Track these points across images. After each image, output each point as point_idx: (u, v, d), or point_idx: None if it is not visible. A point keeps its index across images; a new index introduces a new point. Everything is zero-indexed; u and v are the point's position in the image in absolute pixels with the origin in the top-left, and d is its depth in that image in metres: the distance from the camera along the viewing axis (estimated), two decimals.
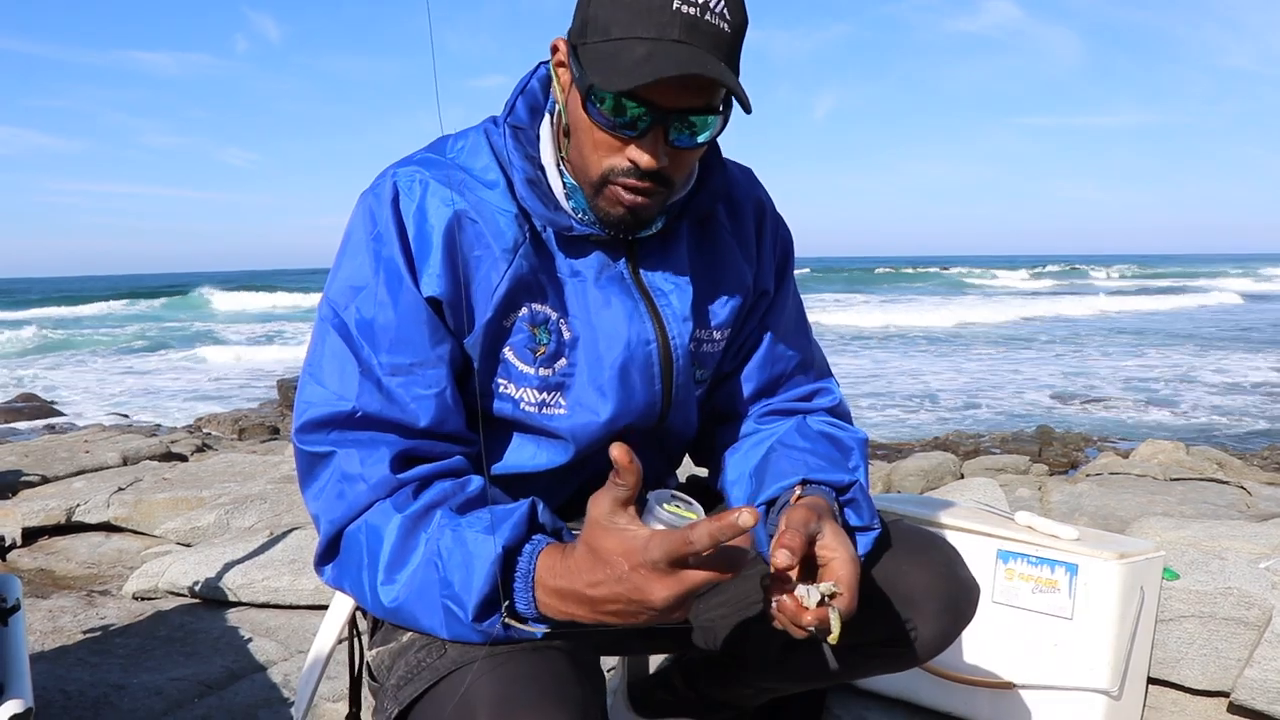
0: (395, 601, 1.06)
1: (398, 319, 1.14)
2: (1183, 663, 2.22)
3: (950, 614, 1.27)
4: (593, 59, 1.08)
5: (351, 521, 1.11)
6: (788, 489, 1.24)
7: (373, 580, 1.08)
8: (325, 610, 1.35)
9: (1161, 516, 3.25)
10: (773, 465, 1.29)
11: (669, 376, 1.27)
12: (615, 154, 1.12)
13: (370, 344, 1.14)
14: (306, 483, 1.15)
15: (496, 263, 1.17)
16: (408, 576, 1.06)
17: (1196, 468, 5.58)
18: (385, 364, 1.13)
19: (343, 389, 1.13)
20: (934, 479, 5.39)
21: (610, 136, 1.11)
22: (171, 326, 27.35)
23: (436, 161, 1.20)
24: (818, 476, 1.24)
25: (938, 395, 12.33)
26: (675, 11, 1.04)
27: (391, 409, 1.13)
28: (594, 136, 1.12)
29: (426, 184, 1.17)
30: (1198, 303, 31.98)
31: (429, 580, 1.04)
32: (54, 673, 2.31)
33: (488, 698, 0.97)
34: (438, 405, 1.15)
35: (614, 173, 1.12)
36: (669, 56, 1.04)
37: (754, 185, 1.40)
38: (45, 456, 4.75)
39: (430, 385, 1.15)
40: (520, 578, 1.01)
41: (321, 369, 1.15)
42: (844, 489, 1.24)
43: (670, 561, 0.90)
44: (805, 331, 1.46)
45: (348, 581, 1.12)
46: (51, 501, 3.79)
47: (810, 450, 1.30)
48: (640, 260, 1.26)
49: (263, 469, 4.42)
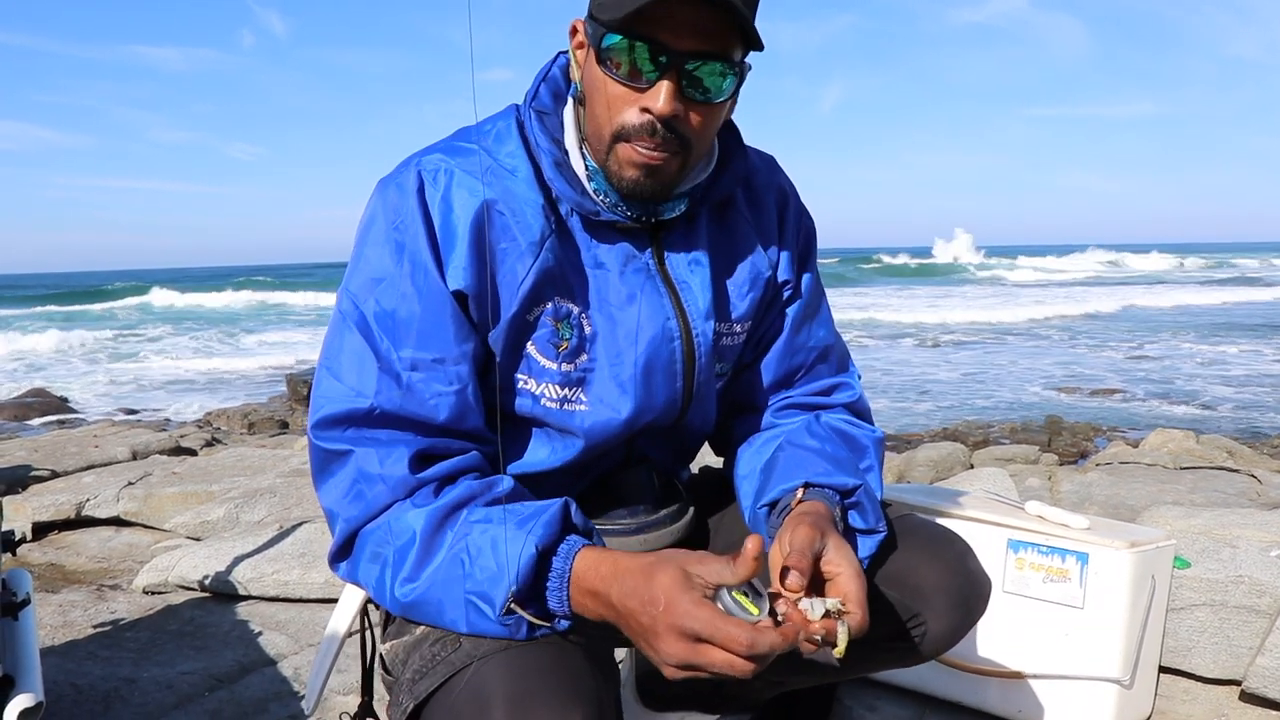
0: (413, 595, 1.06)
1: (422, 312, 1.12)
2: (1194, 651, 2.21)
3: (961, 610, 1.26)
4: (600, 6, 1.08)
5: (369, 521, 1.10)
6: (790, 492, 1.22)
7: (393, 577, 1.07)
8: (335, 603, 1.34)
9: (1172, 505, 3.24)
10: (780, 465, 1.28)
11: (690, 374, 1.26)
12: (629, 107, 1.10)
13: (391, 337, 1.12)
14: (321, 478, 1.14)
15: (523, 256, 1.15)
16: (430, 573, 1.05)
17: (1207, 456, 5.56)
18: (406, 359, 1.11)
19: (360, 385, 1.11)
20: (944, 469, 5.37)
21: (623, 89, 1.09)
22: (166, 322, 27.41)
23: (462, 149, 1.17)
24: (821, 480, 1.22)
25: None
26: None
27: (410, 405, 1.11)
28: (607, 92, 1.10)
29: (452, 173, 1.14)
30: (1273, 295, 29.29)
31: (453, 576, 1.04)
32: (64, 667, 2.32)
33: (503, 691, 0.96)
34: (458, 402, 1.13)
35: (627, 129, 1.10)
36: None
37: (775, 172, 1.38)
38: (55, 451, 4.76)
39: (452, 381, 1.13)
40: (555, 577, 1.02)
41: (339, 364, 1.13)
42: (849, 493, 1.22)
43: (698, 638, 0.91)
44: (827, 323, 1.44)
45: (365, 579, 1.12)
46: (61, 496, 3.80)
47: (818, 450, 1.28)
48: (665, 248, 1.24)
49: (272, 463, 4.42)
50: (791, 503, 1.19)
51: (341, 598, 1.34)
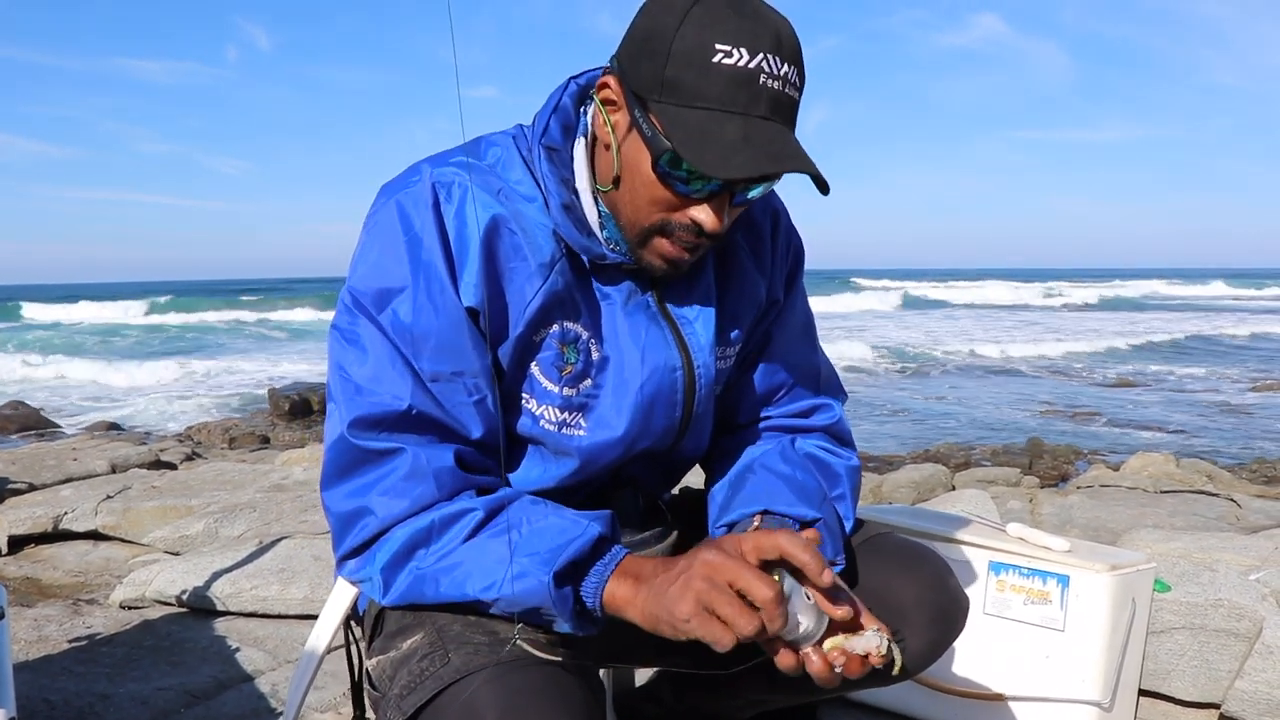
0: (438, 563, 1.09)
1: (439, 326, 1.11)
2: (1174, 674, 2.22)
3: (940, 626, 1.26)
4: (674, 124, 1.04)
5: (409, 518, 1.10)
6: (748, 517, 1.23)
7: (425, 553, 1.10)
8: (313, 620, 1.34)
9: (1152, 528, 3.25)
10: (746, 486, 1.29)
11: (690, 404, 1.27)
12: (675, 211, 1.10)
13: (411, 350, 1.11)
14: (345, 479, 1.12)
15: (532, 276, 1.15)
16: (469, 546, 1.08)
17: (1186, 480, 5.59)
18: (426, 370, 1.11)
19: (394, 388, 1.11)
20: (925, 490, 5.39)
21: (675, 195, 1.09)
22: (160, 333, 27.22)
23: (474, 165, 1.16)
24: (782, 509, 1.22)
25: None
26: (762, 87, 1.03)
27: (441, 411, 1.12)
28: (655, 192, 1.09)
29: (465, 187, 1.13)
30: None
31: (496, 546, 1.07)
32: (38, 682, 2.28)
33: (496, 709, 0.97)
34: (481, 414, 1.14)
35: (671, 227, 1.11)
36: (764, 143, 1.03)
37: (770, 197, 1.38)
38: (33, 464, 4.72)
39: (472, 393, 1.13)
40: (600, 565, 1.06)
41: (365, 368, 1.12)
42: (808, 524, 1.22)
43: (725, 584, 0.96)
44: (811, 342, 1.45)
45: (379, 574, 1.12)
46: (38, 509, 3.76)
47: (787, 478, 1.28)
48: (666, 290, 1.25)
49: (252, 478, 4.40)
50: (748, 528, 1.20)
51: (323, 613, 1.34)
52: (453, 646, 1.06)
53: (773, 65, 1.03)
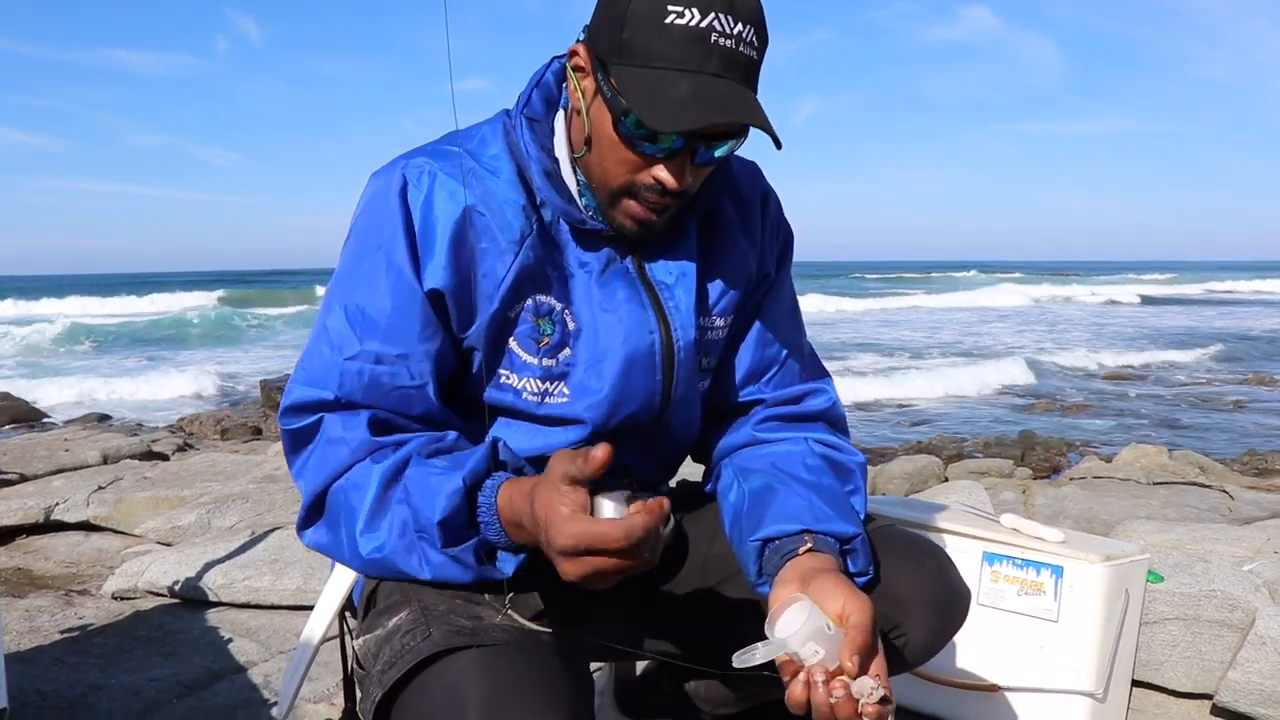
0: (379, 551, 1.12)
1: (391, 309, 1.16)
2: (1167, 665, 2.23)
3: (942, 618, 1.26)
4: (630, 85, 1.08)
5: (333, 482, 1.15)
6: (793, 536, 1.20)
7: (354, 531, 1.13)
8: (307, 610, 1.33)
9: (1145, 520, 3.27)
10: (778, 500, 1.25)
11: (670, 369, 1.27)
12: (640, 170, 1.13)
13: (360, 332, 1.16)
14: (293, 460, 1.19)
15: (503, 255, 1.18)
16: (388, 523, 1.11)
17: (1179, 471, 5.61)
18: (371, 351, 1.15)
19: (325, 378, 1.16)
20: (918, 482, 5.40)
21: (637, 155, 1.12)
22: (155, 328, 27.15)
23: (447, 153, 1.20)
24: (823, 527, 1.21)
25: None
26: (713, 45, 1.06)
27: (371, 395, 1.16)
28: (619, 153, 1.13)
29: (435, 175, 1.17)
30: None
31: (405, 520, 1.10)
32: (30, 673, 2.28)
33: (479, 691, 0.97)
34: (418, 396, 1.18)
35: (635, 188, 1.14)
36: (714, 99, 1.06)
37: (758, 177, 1.41)
38: (24, 455, 4.70)
39: (414, 378, 1.17)
40: (485, 510, 1.07)
41: (311, 356, 1.18)
42: (848, 540, 1.21)
43: (581, 552, 0.94)
44: (798, 324, 1.46)
45: (329, 539, 1.17)
46: (30, 500, 3.74)
47: (815, 486, 1.27)
48: (646, 255, 1.27)
49: (245, 469, 4.39)
50: (799, 549, 1.18)
51: (318, 603, 1.33)
52: (435, 623, 1.09)
53: (724, 24, 1.06)
